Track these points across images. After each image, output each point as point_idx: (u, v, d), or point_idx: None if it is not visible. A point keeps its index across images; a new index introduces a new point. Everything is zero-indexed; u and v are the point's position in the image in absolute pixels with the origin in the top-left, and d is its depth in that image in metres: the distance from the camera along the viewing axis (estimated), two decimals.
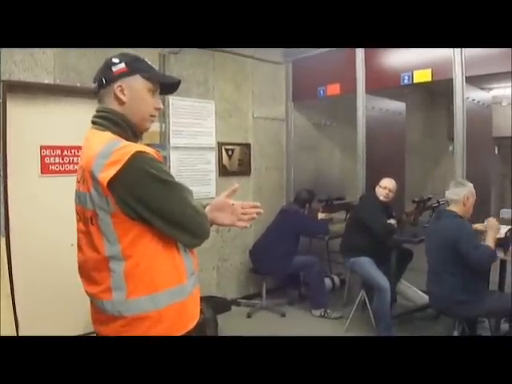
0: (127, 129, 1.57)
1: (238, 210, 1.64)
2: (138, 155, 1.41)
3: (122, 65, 1.56)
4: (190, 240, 1.54)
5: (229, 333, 4.07)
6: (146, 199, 1.42)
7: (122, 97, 1.55)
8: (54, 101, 3.86)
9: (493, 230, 3.31)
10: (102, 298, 1.48)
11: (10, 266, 3.49)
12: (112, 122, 1.55)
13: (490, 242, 3.24)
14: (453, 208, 3.32)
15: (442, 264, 3.23)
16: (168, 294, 1.50)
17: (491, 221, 3.40)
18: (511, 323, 3.49)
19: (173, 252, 1.52)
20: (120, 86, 1.55)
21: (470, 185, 3.34)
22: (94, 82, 1.59)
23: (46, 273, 3.71)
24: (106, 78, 1.56)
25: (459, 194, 3.28)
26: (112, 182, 1.38)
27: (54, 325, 3.55)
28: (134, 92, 1.57)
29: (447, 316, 3.59)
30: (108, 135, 1.52)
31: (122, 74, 1.56)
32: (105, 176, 1.38)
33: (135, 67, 1.58)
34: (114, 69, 1.55)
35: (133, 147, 1.44)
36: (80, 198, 1.52)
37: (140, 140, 1.65)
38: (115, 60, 1.57)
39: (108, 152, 1.42)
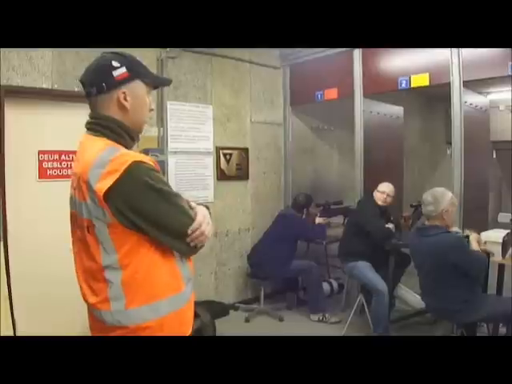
0: (125, 135, 1.53)
1: None
2: (135, 165, 1.37)
3: (124, 69, 1.49)
4: (187, 249, 1.51)
5: None
6: (143, 210, 1.39)
7: (125, 104, 1.51)
8: (51, 106, 3.85)
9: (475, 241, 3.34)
10: (101, 308, 1.45)
11: (7, 269, 3.49)
12: (109, 129, 1.50)
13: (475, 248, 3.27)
14: (434, 222, 3.24)
15: (435, 279, 3.20)
16: (168, 303, 1.48)
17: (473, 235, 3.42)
18: (508, 326, 3.48)
19: (170, 260, 1.50)
20: (124, 92, 1.50)
21: (447, 197, 3.23)
22: (90, 86, 1.50)
23: (43, 277, 3.69)
24: (106, 84, 1.48)
25: (437, 210, 3.20)
26: (109, 193, 1.35)
27: (52, 328, 3.52)
28: (136, 98, 1.53)
29: (445, 321, 3.59)
30: (104, 142, 1.47)
31: (125, 80, 1.50)
32: (101, 186, 1.35)
33: (136, 72, 1.53)
34: (116, 73, 1.48)
35: (130, 156, 1.40)
36: (76, 205, 1.48)
37: (137, 141, 1.62)
38: (115, 63, 1.49)
39: (104, 161, 1.38)
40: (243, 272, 5.29)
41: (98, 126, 1.51)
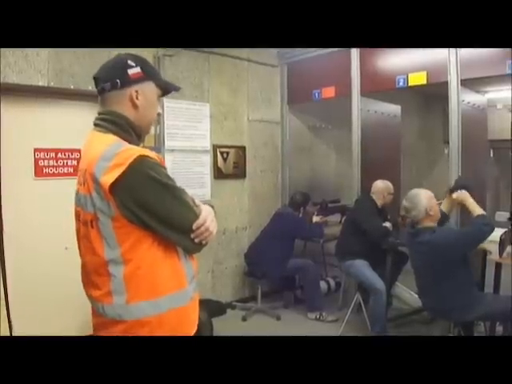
0: (132, 133, 1.55)
1: None
2: (140, 159, 1.39)
3: (138, 69, 1.55)
4: (192, 245, 1.51)
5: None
6: (148, 203, 1.40)
7: (137, 102, 1.55)
8: (47, 103, 3.83)
9: (466, 198, 3.30)
10: (103, 302, 1.47)
11: (3, 268, 3.47)
12: (117, 125, 1.53)
13: (476, 208, 3.21)
14: (423, 224, 3.24)
15: (432, 278, 3.20)
16: (168, 299, 1.48)
17: (459, 194, 3.36)
18: (505, 325, 3.48)
19: (173, 257, 1.50)
20: (136, 91, 1.54)
21: (423, 195, 3.25)
22: (104, 82, 1.54)
23: (39, 276, 3.68)
24: (121, 80, 1.52)
25: (421, 212, 3.21)
26: (114, 186, 1.36)
27: (48, 327, 3.52)
28: (147, 98, 1.58)
29: (442, 320, 3.59)
30: (111, 137, 1.49)
31: (139, 79, 1.55)
32: (107, 179, 1.36)
33: (150, 73, 1.59)
34: (130, 72, 1.53)
35: (136, 151, 1.42)
36: (80, 200, 1.50)
37: (142, 143, 1.63)
38: (131, 63, 1.55)
39: (110, 155, 1.40)
40: (240, 271, 5.29)
41: (110, 123, 1.54)
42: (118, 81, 1.52)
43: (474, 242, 3.14)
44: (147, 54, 4.23)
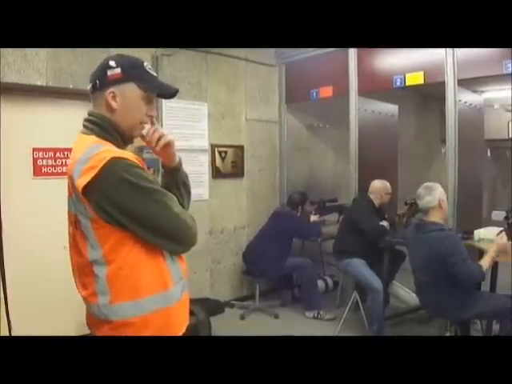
0: (116, 135, 1.52)
1: None
2: (113, 161, 1.36)
3: (118, 70, 1.49)
4: (174, 247, 1.51)
5: (222, 335, 4.06)
6: (123, 206, 1.38)
7: (112, 104, 1.50)
8: (46, 103, 3.84)
9: (498, 250, 3.19)
10: (90, 302, 1.48)
11: (2, 267, 3.47)
12: (100, 127, 1.51)
13: (486, 261, 3.11)
14: (432, 217, 3.23)
15: (429, 276, 3.20)
16: (152, 301, 1.47)
17: (501, 244, 3.23)
18: (501, 323, 3.49)
19: (157, 258, 1.49)
20: (112, 92, 1.49)
21: (439, 187, 3.27)
22: (89, 83, 1.54)
23: (38, 275, 3.69)
24: (99, 82, 1.50)
25: (434, 200, 3.20)
26: (87, 188, 1.35)
27: (46, 327, 3.52)
28: (127, 100, 1.51)
29: (439, 318, 3.61)
30: (91, 140, 1.48)
31: (117, 80, 1.49)
32: (81, 182, 1.36)
33: (131, 74, 1.51)
34: (109, 73, 1.49)
35: (110, 153, 1.39)
36: (68, 202, 1.51)
37: (130, 143, 1.61)
38: (112, 63, 1.50)
39: (86, 157, 1.39)
40: (238, 269, 5.30)
41: (90, 122, 1.53)
42: (97, 82, 1.51)
43: (464, 274, 3.04)
44: (145, 53, 4.25)
